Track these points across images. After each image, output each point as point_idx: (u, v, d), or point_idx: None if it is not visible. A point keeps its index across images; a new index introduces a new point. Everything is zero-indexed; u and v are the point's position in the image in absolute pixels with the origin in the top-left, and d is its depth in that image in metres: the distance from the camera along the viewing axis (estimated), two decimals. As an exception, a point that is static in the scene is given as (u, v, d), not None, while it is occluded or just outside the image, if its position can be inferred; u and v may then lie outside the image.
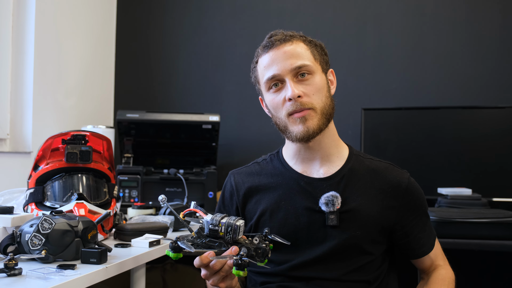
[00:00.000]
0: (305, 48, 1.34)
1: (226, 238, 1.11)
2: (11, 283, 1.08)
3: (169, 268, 2.64)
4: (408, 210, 1.36)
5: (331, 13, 2.80)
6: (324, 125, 1.33)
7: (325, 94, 1.34)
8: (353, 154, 1.42)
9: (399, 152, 2.48)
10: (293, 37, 1.35)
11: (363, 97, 2.68)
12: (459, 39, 2.65)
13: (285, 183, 1.39)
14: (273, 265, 1.35)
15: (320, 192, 1.33)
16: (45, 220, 1.26)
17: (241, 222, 1.13)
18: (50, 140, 1.61)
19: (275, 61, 1.33)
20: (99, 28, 2.92)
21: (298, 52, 1.32)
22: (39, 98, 2.37)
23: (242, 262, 1.05)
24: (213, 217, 1.13)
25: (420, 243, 1.39)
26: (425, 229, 1.40)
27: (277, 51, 1.33)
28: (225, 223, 1.11)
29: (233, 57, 2.94)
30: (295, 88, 1.29)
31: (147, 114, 2.50)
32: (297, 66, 1.30)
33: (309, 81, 1.32)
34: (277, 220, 1.36)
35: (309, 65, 1.32)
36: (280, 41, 1.33)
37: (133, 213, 2.08)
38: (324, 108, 1.32)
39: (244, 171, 1.48)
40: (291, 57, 1.31)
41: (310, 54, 1.34)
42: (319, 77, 1.34)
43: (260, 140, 2.83)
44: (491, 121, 2.42)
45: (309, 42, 1.36)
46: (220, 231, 1.11)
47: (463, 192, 2.21)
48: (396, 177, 1.37)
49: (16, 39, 2.33)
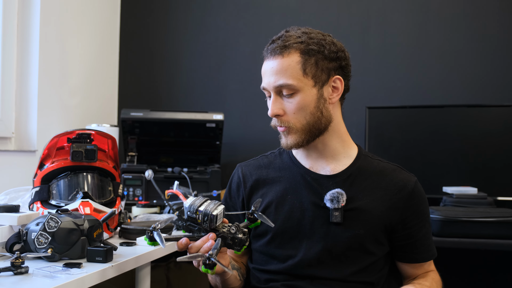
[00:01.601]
0: (296, 62, 1.29)
1: (204, 226, 1.12)
2: (18, 282, 1.08)
3: (173, 266, 2.64)
4: (413, 213, 1.36)
5: (335, 11, 2.79)
6: (305, 141, 1.33)
7: (310, 111, 1.31)
8: (362, 154, 1.42)
9: (403, 151, 2.48)
10: (289, 48, 1.30)
11: (368, 95, 2.68)
12: (464, 37, 2.64)
13: (292, 177, 1.40)
14: (276, 262, 1.36)
15: (326, 189, 1.33)
16: (51, 218, 1.26)
17: (219, 210, 1.14)
18: (56, 138, 1.61)
19: (265, 73, 1.34)
20: (103, 27, 2.92)
21: (284, 69, 1.29)
22: (44, 97, 2.37)
23: (210, 263, 1.08)
24: (191, 203, 1.14)
25: (422, 249, 1.39)
26: (428, 236, 1.40)
27: (267, 63, 1.33)
28: (202, 211, 1.13)
29: (236, 56, 2.94)
30: (274, 107, 1.32)
31: (151, 112, 2.50)
32: (279, 84, 1.30)
33: (292, 99, 1.31)
34: (282, 213, 1.36)
35: (291, 85, 1.28)
36: (273, 52, 1.31)
37: (137, 212, 2.08)
38: (306, 125, 1.32)
39: (252, 164, 1.49)
40: (275, 74, 1.30)
41: (300, 69, 1.29)
42: (305, 94, 1.30)
43: (264, 138, 2.83)
44: (496, 120, 2.41)
45: (308, 52, 1.30)
46: (197, 218, 1.13)
47: (469, 191, 2.21)
48: (403, 179, 1.37)
49: (21, 39, 2.34)
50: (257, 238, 1.40)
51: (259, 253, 1.41)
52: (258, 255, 1.41)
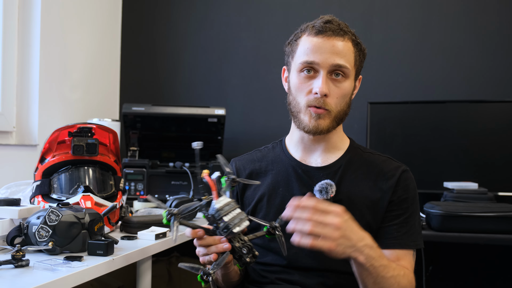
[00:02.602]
0: (351, 50, 1.33)
1: (222, 233, 1.12)
2: (19, 274, 1.09)
3: (175, 261, 2.65)
4: (397, 199, 1.32)
5: (337, 6, 2.78)
6: (333, 127, 1.34)
7: (346, 101, 1.34)
8: (353, 147, 1.42)
9: (405, 146, 2.48)
10: (346, 34, 1.32)
11: (369, 91, 2.67)
12: (465, 33, 2.63)
13: (284, 170, 1.40)
14: (272, 254, 1.37)
15: (317, 180, 1.34)
16: (52, 212, 1.26)
17: (241, 228, 1.12)
18: (57, 132, 1.61)
19: (320, 49, 1.30)
20: (104, 22, 2.92)
21: (345, 51, 1.30)
22: (45, 91, 2.37)
23: (206, 279, 1.08)
24: (219, 209, 1.11)
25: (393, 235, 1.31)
26: (405, 225, 1.32)
27: (327, 41, 1.30)
28: (226, 223, 1.10)
29: (238, 51, 2.94)
30: (325, 86, 1.29)
31: (153, 107, 2.50)
32: (338, 64, 1.29)
33: (341, 83, 1.31)
34: (274, 206, 1.37)
35: (348, 69, 1.31)
36: (333, 32, 1.30)
37: (139, 206, 2.09)
38: (339, 112, 1.33)
39: (246, 158, 1.50)
40: (337, 54, 1.29)
41: (353, 58, 1.33)
42: (349, 82, 1.33)
43: (265, 133, 2.83)
44: (497, 115, 2.40)
45: (357, 45, 1.34)
46: (219, 224, 1.11)
47: (469, 186, 2.21)
48: (392, 169, 1.36)
49: (22, 33, 2.34)
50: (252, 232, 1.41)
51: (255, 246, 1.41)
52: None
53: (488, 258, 2.52)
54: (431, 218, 2.00)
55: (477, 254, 2.52)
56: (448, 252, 2.50)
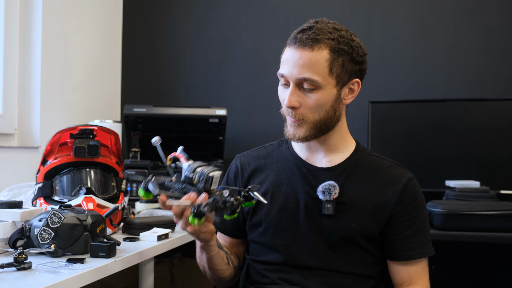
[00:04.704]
0: (325, 59, 1.26)
1: (199, 186, 1.12)
2: (21, 277, 1.09)
3: (177, 262, 2.65)
4: (404, 209, 1.33)
5: (338, 6, 2.78)
6: (312, 136, 1.32)
7: (325, 109, 1.30)
8: (359, 150, 1.42)
9: (406, 145, 2.47)
10: (319, 42, 1.26)
11: (370, 90, 2.67)
12: (466, 31, 2.63)
13: (289, 168, 1.41)
14: (272, 252, 1.37)
15: (321, 181, 1.34)
16: (54, 214, 1.26)
17: (216, 173, 1.14)
18: (58, 134, 1.61)
19: (288, 61, 1.29)
20: (105, 23, 2.92)
21: (312, 63, 1.25)
22: (46, 93, 2.37)
23: (198, 212, 1.09)
24: (190, 164, 1.14)
25: (409, 247, 1.33)
26: (418, 234, 1.34)
27: (294, 52, 1.27)
28: (199, 171, 1.13)
29: (239, 51, 2.94)
30: (292, 98, 1.28)
31: (154, 108, 2.50)
32: (302, 77, 1.26)
33: (312, 94, 1.28)
34: (277, 203, 1.37)
35: (315, 81, 1.26)
36: (302, 43, 1.26)
37: (141, 207, 2.09)
38: (319, 121, 1.31)
39: (251, 154, 1.50)
40: (301, 66, 1.26)
41: (327, 67, 1.26)
42: (326, 92, 1.28)
43: (266, 133, 2.83)
44: (498, 113, 2.40)
45: (338, 51, 1.27)
46: (194, 178, 1.12)
47: (471, 184, 2.20)
48: (397, 175, 1.36)
49: (23, 35, 2.34)
50: (253, 229, 1.42)
51: (255, 244, 1.42)
52: (254, 246, 1.43)
53: (490, 257, 2.51)
54: (433, 217, 2.00)
55: (479, 253, 2.52)
56: (451, 250, 2.50)
